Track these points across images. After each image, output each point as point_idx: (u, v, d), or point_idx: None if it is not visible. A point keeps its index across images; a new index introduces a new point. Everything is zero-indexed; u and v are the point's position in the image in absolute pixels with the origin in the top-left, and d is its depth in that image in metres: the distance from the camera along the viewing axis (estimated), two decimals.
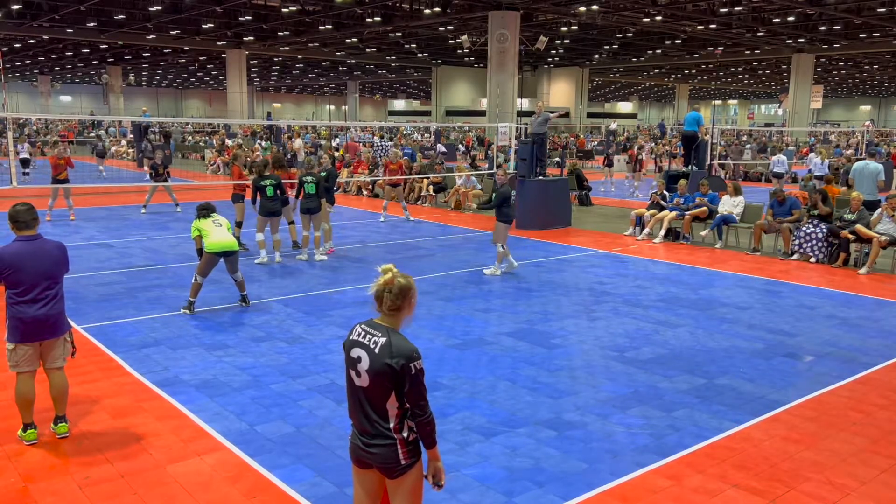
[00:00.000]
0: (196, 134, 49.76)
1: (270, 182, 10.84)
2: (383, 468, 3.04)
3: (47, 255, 4.85)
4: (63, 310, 4.96)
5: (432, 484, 3.12)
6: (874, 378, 6.48)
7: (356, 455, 3.11)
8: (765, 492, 4.44)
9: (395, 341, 2.95)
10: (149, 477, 4.53)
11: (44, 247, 4.86)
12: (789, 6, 30.86)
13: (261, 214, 10.95)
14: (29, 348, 4.83)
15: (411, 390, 2.95)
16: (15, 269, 4.72)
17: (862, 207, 11.81)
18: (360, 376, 3.00)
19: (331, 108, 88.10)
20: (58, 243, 4.99)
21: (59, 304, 4.90)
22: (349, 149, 29.08)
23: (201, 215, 8.27)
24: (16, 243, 4.80)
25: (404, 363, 2.91)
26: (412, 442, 3.03)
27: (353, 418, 3.10)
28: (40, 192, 17.75)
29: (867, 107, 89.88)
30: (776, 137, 42.49)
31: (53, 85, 70.93)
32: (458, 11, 32.21)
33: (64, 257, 4.98)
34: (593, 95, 78.14)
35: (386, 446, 2.99)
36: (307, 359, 6.75)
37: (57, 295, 4.89)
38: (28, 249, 4.78)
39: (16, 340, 4.79)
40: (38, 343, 4.86)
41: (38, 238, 4.86)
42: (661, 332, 7.75)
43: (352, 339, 3.07)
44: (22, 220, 4.82)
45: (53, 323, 4.86)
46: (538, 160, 15.62)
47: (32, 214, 4.88)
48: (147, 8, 32.97)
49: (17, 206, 4.86)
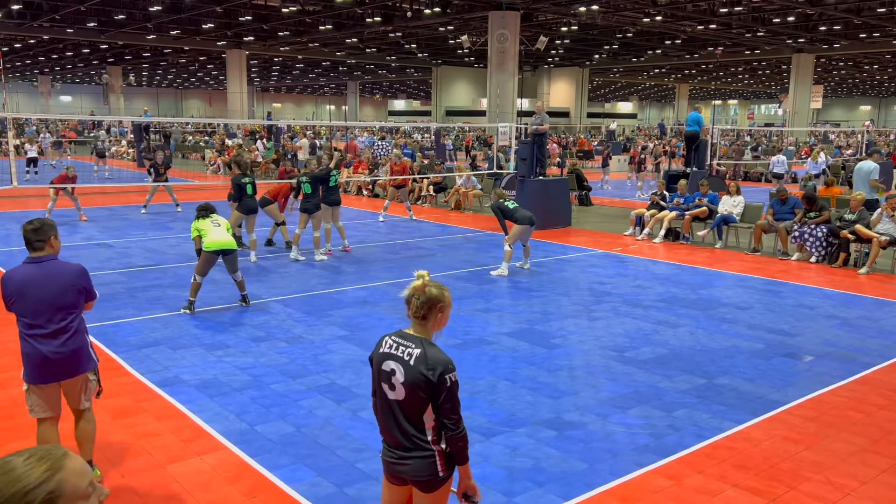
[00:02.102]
0: (196, 134, 49.78)
1: (250, 180, 11.11)
2: (420, 482, 2.96)
3: (56, 280, 4.10)
4: (83, 345, 4.22)
5: (466, 501, 3.05)
6: (874, 378, 6.48)
7: (390, 470, 3.03)
8: (765, 492, 4.44)
9: (430, 352, 2.90)
10: (149, 477, 4.53)
11: (53, 271, 4.13)
12: (789, 6, 30.85)
13: (240, 212, 11.27)
14: (43, 391, 4.18)
15: (445, 403, 2.87)
16: (18, 297, 4.08)
17: (862, 207, 11.81)
18: (395, 389, 2.92)
19: (331, 108, 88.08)
20: (74, 266, 4.24)
21: (75, 339, 4.15)
22: (349, 149, 29.08)
23: (200, 216, 8.32)
24: (23, 266, 4.15)
25: (441, 373, 2.85)
26: (449, 455, 2.96)
27: (387, 433, 3.01)
28: (42, 191, 17.76)
29: (867, 107, 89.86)
30: (776, 138, 42.45)
31: (53, 85, 70.92)
32: (458, 11, 32.21)
33: (79, 283, 4.20)
34: (593, 95, 78.12)
35: (424, 458, 2.92)
36: (307, 359, 6.75)
37: (70, 328, 4.13)
38: (33, 273, 4.10)
39: (28, 381, 4.18)
40: (55, 384, 4.19)
41: (48, 260, 4.15)
42: (661, 332, 7.75)
43: (382, 351, 2.98)
44: (27, 240, 4.16)
45: (68, 362, 4.14)
46: (538, 160, 15.63)
47: (39, 235, 4.14)
48: (147, 8, 32.96)
49: (27, 224, 4.19)
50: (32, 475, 1.46)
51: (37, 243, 4.13)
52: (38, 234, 4.14)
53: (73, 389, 4.26)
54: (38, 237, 4.13)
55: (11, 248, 12.08)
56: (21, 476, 1.45)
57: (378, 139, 34.15)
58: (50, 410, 4.22)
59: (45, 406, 4.20)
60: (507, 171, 18.40)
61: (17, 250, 11.91)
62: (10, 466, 1.46)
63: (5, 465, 1.47)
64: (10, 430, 5.12)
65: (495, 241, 13.63)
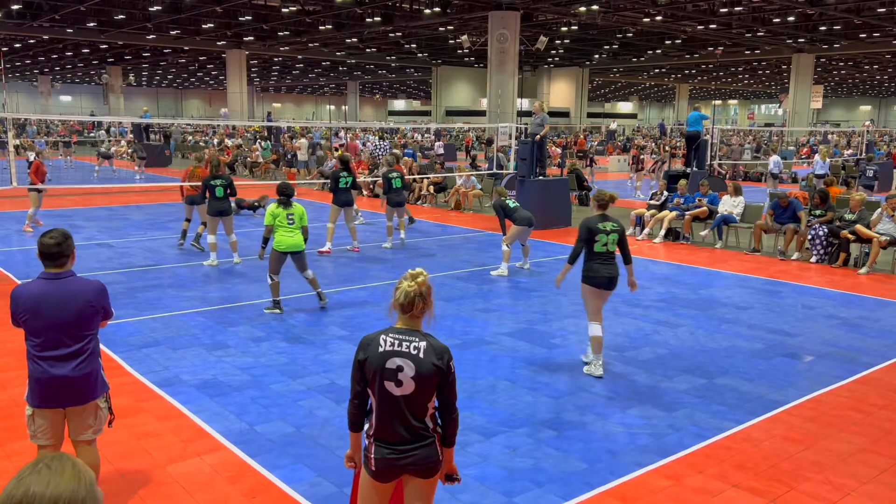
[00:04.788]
0: (196, 133, 49.76)
1: (221, 182, 10.77)
2: (425, 469, 3.01)
3: (71, 298, 3.75)
4: (96, 369, 3.89)
5: (449, 482, 3.16)
6: (874, 378, 6.48)
7: (388, 468, 3.00)
8: (765, 492, 4.44)
9: (434, 343, 3.00)
10: (149, 477, 4.53)
11: (70, 288, 3.77)
12: (789, 6, 30.85)
13: (210, 214, 10.88)
14: (48, 417, 3.84)
15: (450, 388, 3.00)
16: (30, 315, 3.72)
17: (863, 207, 11.80)
18: (403, 384, 2.94)
19: (331, 108, 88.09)
20: (93, 284, 3.88)
21: (87, 363, 3.81)
22: (349, 149, 29.06)
23: (280, 202, 8.22)
24: (37, 281, 3.79)
25: (447, 361, 2.97)
26: (441, 438, 3.08)
27: (386, 431, 2.98)
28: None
29: (867, 107, 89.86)
30: (776, 139, 42.44)
31: (53, 85, 70.93)
32: (458, 11, 32.21)
33: (99, 302, 3.86)
34: (593, 95, 78.14)
35: (427, 446, 3.00)
36: (307, 359, 6.75)
37: (84, 352, 3.80)
38: (48, 290, 3.74)
39: (33, 404, 3.83)
40: (61, 409, 3.85)
41: (65, 276, 3.79)
42: (661, 332, 7.75)
43: (384, 350, 2.97)
44: (44, 252, 3.75)
45: (79, 387, 3.80)
46: (538, 160, 15.63)
47: (63, 249, 3.75)
48: (147, 8, 32.96)
49: (46, 238, 3.74)
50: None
51: (60, 259, 3.76)
52: (62, 249, 3.75)
53: (81, 417, 3.89)
54: (62, 252, 3.75)
55: (11, 248, 12.08)
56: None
57: (378, 139, 34.11)
58: (53, 438, 3.89)
59: (48, 433, 3.86)
60: (507, 171, 18.40)
61: (17, 250, 11.92)
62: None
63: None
64: (10, 429, 5.12)
65: (495, 241, 13.63)
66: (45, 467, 1.54)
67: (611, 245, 6.41)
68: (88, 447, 3.96)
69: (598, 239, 6.38)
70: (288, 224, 8.16)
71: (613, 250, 6.44)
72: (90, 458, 3.93)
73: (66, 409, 3.85)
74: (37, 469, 1.54)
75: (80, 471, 1.56)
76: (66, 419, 3.90)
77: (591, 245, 6.39)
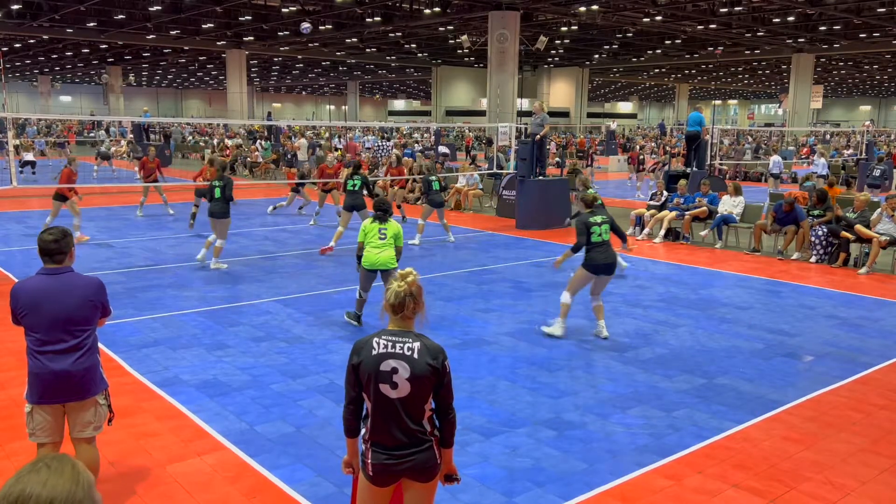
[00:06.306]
0: (196, 133, 49.77)
1: (218, 184, 10.69)
2: (424, 473, 2.98)
3: (70, 294, 3.82)
4: (94, 365, 3.94)
5: (449, 482, 3.16)
6: (874, 378, 6.48)
7: (386, 473, 2.97)
8: (765, 492, 4.44)
9: (428, 343, 2.96)
10: (149, 477, 4.53)
11: (69, 283, 3.85)
12: (789, 6, 30.86)
13: (208, 215, 10.82)
14: (48, 414, 3.86)
15: (446, 388, 2.97)
16: (30, 310, 3.78)
17: (865, 207, 11.80)
18: (398, 386, 2.90)
19: (331, 108, 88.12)
20: (92, 280, 3.96)
21: (87, 358, 3.86)
22: (349, 149, 29.08)
23: (377, 217, 7.72)
24: (36, 277, 3.86)
25: (442, 360, 2.94)
26: (438, 441, 3.05)
27: (383, 435, 2.95)
28: (43, 191, 17.75)
29: (867, 107, 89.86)
30: (776, 139, 42.44)
31: (53, 85, 70.95)
32: (458, 11, 32.21)
33: (97, 297, 3.92)
34: (593, 95, 78.14)
35: (425, 451, 2.96)
36: (307, 359, 6.75)
37: (83, 346, 3.85)
38: (47, 286, 3.81)
39: (32, 401, 3.86)
40: (60, 406, 3.88)
41: (63, 272, 3.86)
42: (661, 332, 7.75)
43: (377, 353, 2.93)
44: (43, 249, 3.84)
45: (78, 382, 3.84)
46: (538, 160, 15.64)
47: (62, 246, 3.84)
48: (147, 8, 32.96)
49: (46, 235, 3.85)
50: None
51: (58, 256, 3.84)
52: (60, 246, 3.84)
53: (80, 414, 3.91)
54: (60, 248, 3.84)
55: (11, 248, 12.08)
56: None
57: (378, 139, 34.13)
58: (52, 435, 3.89)
59: (48, 430, 3.87)
60: (506, 171, 18.40)
61: (17, 250, 11.92)
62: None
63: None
64: (10, 429, 5.12)
65: (495, 241, 13.64)
66: (44, 467, 1.54)
67: (605, 234, 7.41)
68: (88, 446, 3.97)
69: (594, 231, 7.38)
70: (379, 240, 7.67)
71: (608, 238, 7.44)
72: (90, 456, 3.93)
73: (66, 405, 3.88)
74: (36, 468, 1.54)
75: (80, 472, 1.56)
76: (66, 416, 3.92)
77: (589, 237, 7.37)
